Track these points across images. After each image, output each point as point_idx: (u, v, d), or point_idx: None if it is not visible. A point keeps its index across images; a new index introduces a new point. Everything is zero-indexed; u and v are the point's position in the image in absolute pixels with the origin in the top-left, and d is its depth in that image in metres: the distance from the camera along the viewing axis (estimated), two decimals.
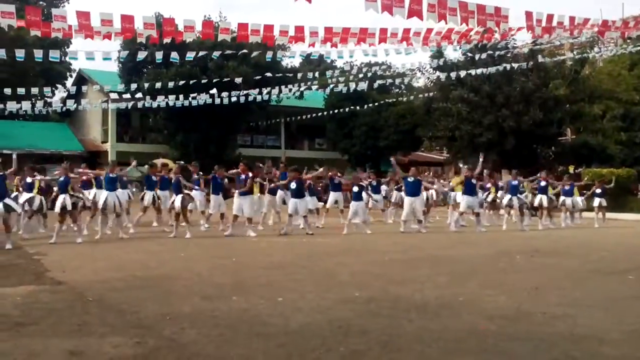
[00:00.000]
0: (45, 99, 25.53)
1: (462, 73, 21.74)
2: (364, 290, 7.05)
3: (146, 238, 13.32)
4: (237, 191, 14.10)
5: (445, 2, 7.81)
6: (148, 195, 14.84)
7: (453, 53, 27.03)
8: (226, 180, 14.92)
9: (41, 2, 38.79)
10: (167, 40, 11.39)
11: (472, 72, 20.98)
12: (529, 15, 9.94)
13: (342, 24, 11.75)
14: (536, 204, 17.61)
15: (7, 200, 11.53)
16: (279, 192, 15.77)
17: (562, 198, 18.00)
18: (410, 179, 15.14)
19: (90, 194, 14.22)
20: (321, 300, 6.49)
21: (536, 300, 6.62)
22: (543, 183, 17.39)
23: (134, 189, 18.36)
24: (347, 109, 29.66)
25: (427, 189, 16.87)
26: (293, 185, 14.17)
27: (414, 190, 15.02)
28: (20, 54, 13.01)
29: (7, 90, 17.58)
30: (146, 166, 16.97)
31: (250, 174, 14.47)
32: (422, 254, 10.94)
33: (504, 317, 5.79)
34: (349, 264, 9.33)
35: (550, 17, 10.40)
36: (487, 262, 9.87)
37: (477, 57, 21.40)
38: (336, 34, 11.74)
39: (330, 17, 79.78)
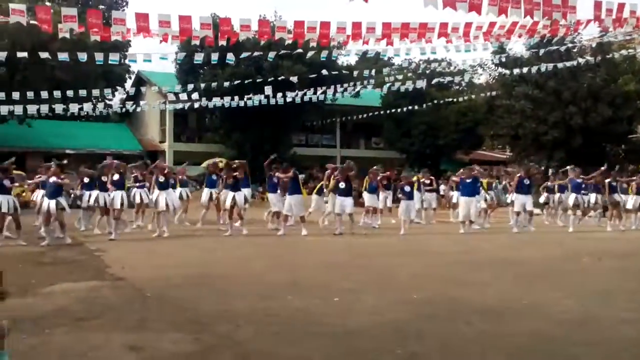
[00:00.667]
0: (106, 100, 26.34)
1: (526, 69, 21.09)
2: (422, 292, 6.90)
3: (203, 236, 13.47)
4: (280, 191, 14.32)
5: None
6: (205, 193, 15.23)
7: (516, 48, 26.30)
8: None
9: (101, 6, 40.07)
10: (222, 42, 11.49)
11: (537, 68, 20.27)
12: (597, 4, 9.49)
13: (401, 20, 11.37)
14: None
15: (60, 199, 11.86)
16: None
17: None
18: (468, 180, 14.80)
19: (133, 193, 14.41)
20: (378, 302, 6.38)
21: (604, 304, 6.38)
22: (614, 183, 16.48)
23: (191, 188, 18.63)
24: (404, 109, 29.27)
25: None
26: (342, 184, 14.12)
27: (471, 190, 14.69)
28: (82, 56, 13.40)
29: (70, 92, 18.17)
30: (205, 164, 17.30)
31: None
32: (484, 255, 10.61)
33: (570, 321, 5.59)
34: (407, 265, 9.17)
35: (621, 7, 9.88)
36: (553, 265, 9.52)
37: (541, 52, 20.64)
38: (395, 30, 11.52)
39: (387, 14, 79.18)
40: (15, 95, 17.19)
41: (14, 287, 6.89)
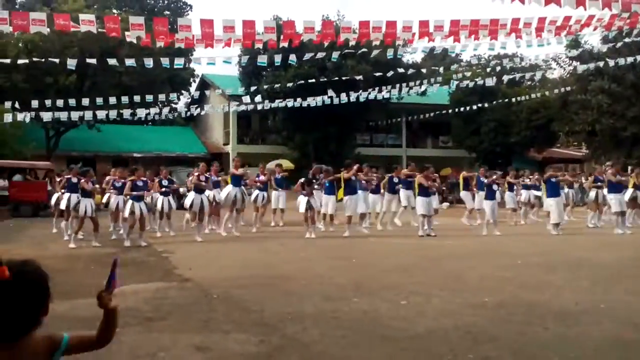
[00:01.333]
0: (171, 104, 27.04)
1: (602, 63, 20.15)
2: (494, 295, 6.64)
3: (267, 237, 13.50)
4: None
5: None
6: (260, 195, 15.44)
7: (592, 41, 25.17)
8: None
9: (166, 12, 41.09)
10: (284, 44, 11.48)
11: (615, 61, 19.32)
12: None
13: (469, 16, 11.00)
14: None
15: (142, 203, 12.24)
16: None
17: None
18: (553, 179, 14.47)
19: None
20: (447, 305, 6.19)
21: None
22: None
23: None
24: (474, 107, 28.51)
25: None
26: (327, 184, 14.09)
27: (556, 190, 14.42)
28: (148, 62, 13.74)
29: (137, 97, 18.71)
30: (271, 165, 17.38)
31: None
32: (559, 257, 10.14)
33: None
34: (477, 267, 8.89)
35: None
36: (632, 267, 9.06)
37: (619, 44, 19.64)
38: (464, 27, 11.16)
39: (452, 10, 77.84)
40: (85, 101, 17.93)
41: (86, 288, 7.11)
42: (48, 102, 17.28)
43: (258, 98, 19.16)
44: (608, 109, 26.85)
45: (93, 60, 12.83)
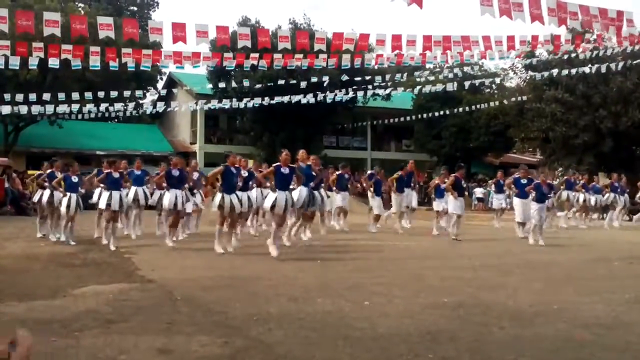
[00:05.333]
0: (137, 101, 26.62)
1: (555, 71, 20.79)
2: (453, 296, 6.81)
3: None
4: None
5: (565, 6, 7.52)
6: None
7: (546, 53, 25.84)
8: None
9: (132, 8, 40.39)
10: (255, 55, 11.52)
11: (567, 71, 19.99)
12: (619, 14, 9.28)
13: (441, 32, 11.37)
14: None
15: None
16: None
17: None
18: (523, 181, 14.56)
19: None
20: (409, 305, 6.31)
21: (635, 309, 6.33)
22: None
23: None
24: (436, 113, 29.03)
25: None
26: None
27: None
28: (114, 63, 13.40)
29: (101, 93, 18.32)
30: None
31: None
32: (515, 259, 10.50)
33: (601, 326, 5.55)
34: (437, 268, 9.10)
35: None
36: (584, 268, 9.48)
37: (572, 55, 20.33)
38: (437, 43, 11.41)
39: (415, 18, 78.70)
40: (46, 95, 17.40)
41: (44, 289, 7.00)
42: (7, 96, 16.87)
43: (226, 98, 19.06)
44: (561, 117, 27.83)
45: (56, 62, 12.48)
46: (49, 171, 12.80)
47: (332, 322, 5.55)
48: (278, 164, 10.53)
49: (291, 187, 10.88)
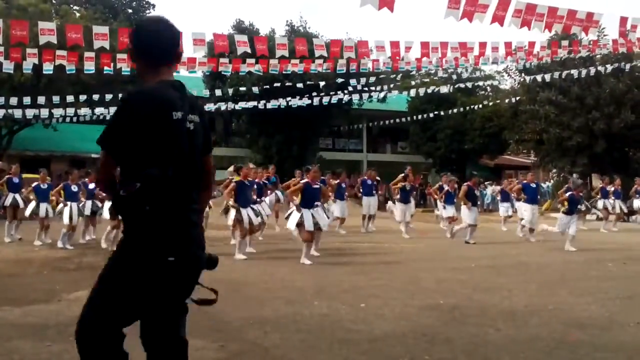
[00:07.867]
0: None
1: (549, 75, 20.88)
2: (449, 297, 6.85)
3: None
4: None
5: (534, 7, 7.52)
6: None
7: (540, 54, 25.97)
8: None
9: (128, 10, 40.28)
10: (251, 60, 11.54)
11: (559, 73, 20.08)
12: (623, 20, 9.32)
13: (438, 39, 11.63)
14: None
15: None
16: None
17: None
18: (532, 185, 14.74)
19: None
20: (405, 307, 6.34)
21: (629, 310, 6.38)
22: None
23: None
24: (431, 114, 29.10)
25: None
26: None
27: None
28: (108, 68, 13.40)
29: (96, 96, 18.23)
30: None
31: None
32: (510, 261, 10.54)
33: (595, 326, 5.60)
34: (433, 270, 9.12)
35: None
36: (578, 270, 9.52)
37: (564, 57, 20.39)
38: (434, 50, 11.53)
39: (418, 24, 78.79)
40: (41, 99, 17.31)
41: (39, 293, 6.98)
42: (1, 99, 16.78)
43: (221, 100, 19.05)
44: (555, 119, 27.95)
45: (50, 67, 12.45)
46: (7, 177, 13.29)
47: (328, 324, 5.56)
48: (306, 180, 10.35)
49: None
